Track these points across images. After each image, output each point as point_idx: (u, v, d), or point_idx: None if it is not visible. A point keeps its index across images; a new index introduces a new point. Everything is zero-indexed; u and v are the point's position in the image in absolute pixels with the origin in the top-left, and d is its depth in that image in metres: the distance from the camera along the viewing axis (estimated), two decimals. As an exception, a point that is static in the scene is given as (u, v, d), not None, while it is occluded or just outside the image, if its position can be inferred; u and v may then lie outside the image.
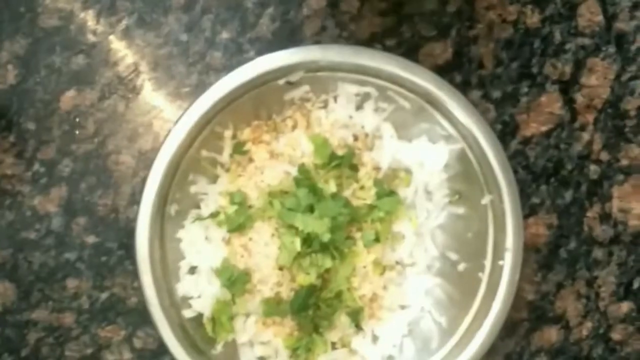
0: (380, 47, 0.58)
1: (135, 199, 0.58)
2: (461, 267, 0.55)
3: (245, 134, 0.55)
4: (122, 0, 0.58)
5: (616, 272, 0.59)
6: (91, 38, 0.58)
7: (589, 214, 0.59)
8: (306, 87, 0.54)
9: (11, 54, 0.58)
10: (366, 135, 0.55)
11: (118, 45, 0.58)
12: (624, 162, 0.59)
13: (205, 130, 0.53)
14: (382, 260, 0.55)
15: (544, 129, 0.59)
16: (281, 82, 0.53)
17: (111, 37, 0.58)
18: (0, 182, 0.58)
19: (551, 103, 0.59)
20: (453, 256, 0.55)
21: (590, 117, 0.59)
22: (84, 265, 0.58)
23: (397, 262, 0.55)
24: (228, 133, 0.55)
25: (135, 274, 0.57)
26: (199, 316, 0.54)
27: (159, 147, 0.52)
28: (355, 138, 0.55)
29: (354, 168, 0.54)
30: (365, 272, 0.54)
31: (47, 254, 0.58)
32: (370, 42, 0.58)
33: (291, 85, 0.53)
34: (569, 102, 0.59)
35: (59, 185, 0.58)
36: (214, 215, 0.55)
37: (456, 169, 0.55)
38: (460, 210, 0.55)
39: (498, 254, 0.53)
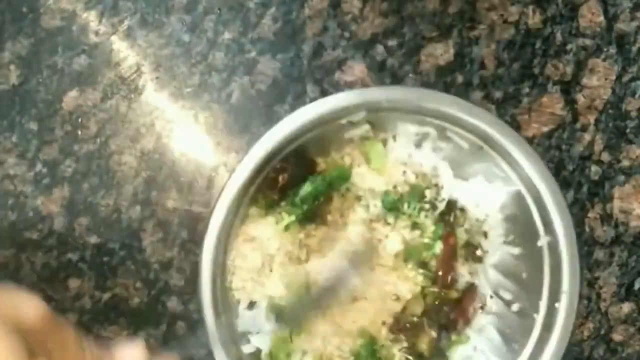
0: (382, 47, 0.58)
1: (137, 199, 0.58)
2: (515, 307, 0.55)
3: None
4: (124, 0, 0.58)
5: (617, 272, 0.59)
6: (93, 38, 0.58)
7: (590, 214, 0.59)
8: (366, 126, 0.54)
9: (14, 55, 0.58)
10: (424, 174, 0.55)
11: (120, 46, 0.58)
12: (625, 162, 0.59)
13: (268, 168, 0.53)
14: None
15: (545, 129, 0.59)
16: (343, 121, 0.53)
17: (113, 38, 0.58)
18: (2, 182, 0.58)
19: (552, 104, 0.59)
20: (507, 296, 0.55)
21: (591, 118, 0.59)
22: (86, 265, 0.58)
23: None
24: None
25: (137, 274, 0.58)
26: (258, 351, 0.54)
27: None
28: (416, 176, 0.56)
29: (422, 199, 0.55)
30: None
31: (49, 254, 0.58)
32: (372, 42, 0.58)
33: (352, 124, 0.53)
34: (571, 102, 0.59)
35: (61, 186, 0.58)
36: None
37: (512, 210, 0.55)
38: (516, 250, 0.55)
39: (554, 295, 0.53)
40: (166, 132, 0.58)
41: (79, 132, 0.58)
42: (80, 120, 0.58)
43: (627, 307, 0.59)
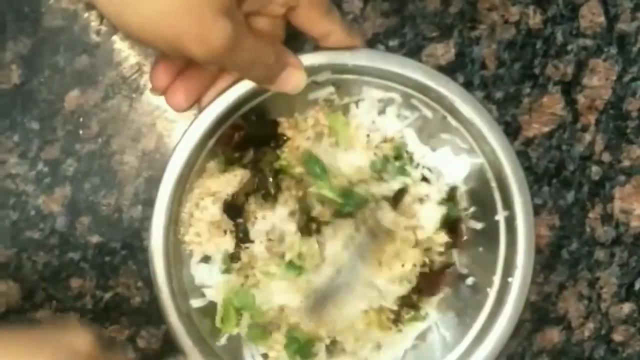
0: (383, 48, 0.58)
1: (138, 199, 0.58)
2: (469, 281, 0.55)
3: None
4: (126, 0, 0.58)
5: (618, 273, 0.59)
6: (95, 38, 0.58)
7: (591, 215, 0.59)
8: (331, 88, 0.54)
9: (15, 54, 0.58)
10: (392, 138, 0.55)
11: (122, 46, 0.58)
12: (626, 163, 0.60)
13: (228, 122, 0.53)
14: None
15: (546, 129, 0.59)
16: (307, 80, 0.52)
17: (115, 37, 0.58)
18: (4, 181, 0.58)
19: (553, 104, 0.59)
20: (462, 269, 0.55)
21: (592, 118, 0.59)
22: (87, 264, 0.58)
23: None
24: None
25: (138, 274, 0.58)
26: (205, 307, 0.54)
27: (179, 135, 0.51)
28: (384, 140, 0.55)
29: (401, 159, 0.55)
30: None
31: (50, 254, 0.58)
32: (373, 42, 0.58)
33: (317, 85, 0.53)
34: (571, 103, 0.59)
35: (63, 185, 0.58)
36: None
37: (473, 183, 0.55)
38: (473, 224, 0.55)
39: (507, 271, 0.53)
40: (167, 132, 0.58)
41: (81, 132, 0.58)
42: (81, 119, 0.58)
43: (627, 308, 0.59)
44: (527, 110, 0.59)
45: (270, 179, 0.54)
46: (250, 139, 0.53)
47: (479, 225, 0.55)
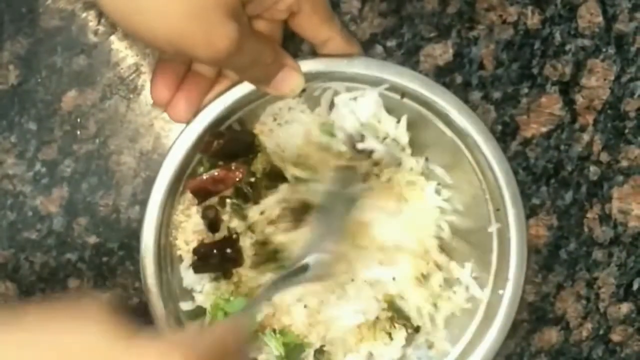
0: (381, 48, 0.58)
1: (136, 200, 0.58)
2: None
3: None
4: (123, 0, 0.58)
5: (616, 273, 0.59)
6: (92, 38, 0.58)
7: (589, 215, 0.59)
8: None
9: (12, 54, 0.58)
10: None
11: (119, 46, 0.58)
12: (624, 163, 0.60)
13: (229, 121, 0.53)
14: None
15: (544, 130, 0.59)
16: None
17: (112, 38, 0.58)
18: (1, 182, 0.58)
19: (551, 104, 0.59)
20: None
21: (590, 118, 0.59)
22: (85, 265, 0.58)
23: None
24: None
25: (136, 275, 0.58)
26: (194, 310, 0.54)
27: (173, 138, 0.52)
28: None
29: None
30: None
31: (48, 254, 0.58)
32: (371, 43, 0.58)
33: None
34: (569, 103, 0.59)
35: (61, 186, 0.58)
36: None
37: (467, 195, 0.55)
38: (466, 235, 0.55)
39: (498, 283, 0.53)
40: (165, 132, 0.58)
41: (78, 132, 0.58)
42: (79, 120, 0.58)
43: (625, 308, 0.59)
44: (525, 111, 0.59)
45: (249, 188, 0.54)
46: (229, 148, 0.53)
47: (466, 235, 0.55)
